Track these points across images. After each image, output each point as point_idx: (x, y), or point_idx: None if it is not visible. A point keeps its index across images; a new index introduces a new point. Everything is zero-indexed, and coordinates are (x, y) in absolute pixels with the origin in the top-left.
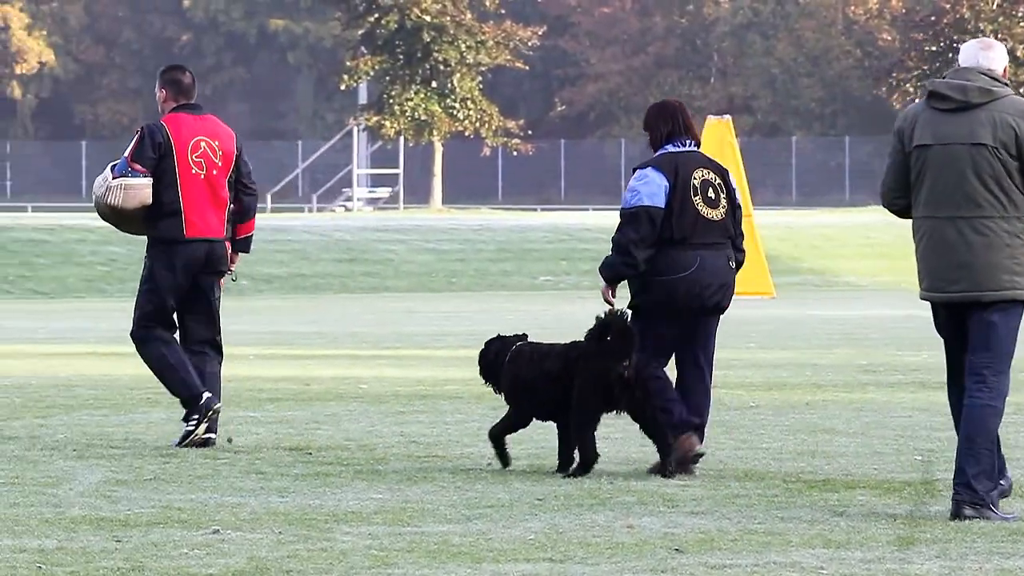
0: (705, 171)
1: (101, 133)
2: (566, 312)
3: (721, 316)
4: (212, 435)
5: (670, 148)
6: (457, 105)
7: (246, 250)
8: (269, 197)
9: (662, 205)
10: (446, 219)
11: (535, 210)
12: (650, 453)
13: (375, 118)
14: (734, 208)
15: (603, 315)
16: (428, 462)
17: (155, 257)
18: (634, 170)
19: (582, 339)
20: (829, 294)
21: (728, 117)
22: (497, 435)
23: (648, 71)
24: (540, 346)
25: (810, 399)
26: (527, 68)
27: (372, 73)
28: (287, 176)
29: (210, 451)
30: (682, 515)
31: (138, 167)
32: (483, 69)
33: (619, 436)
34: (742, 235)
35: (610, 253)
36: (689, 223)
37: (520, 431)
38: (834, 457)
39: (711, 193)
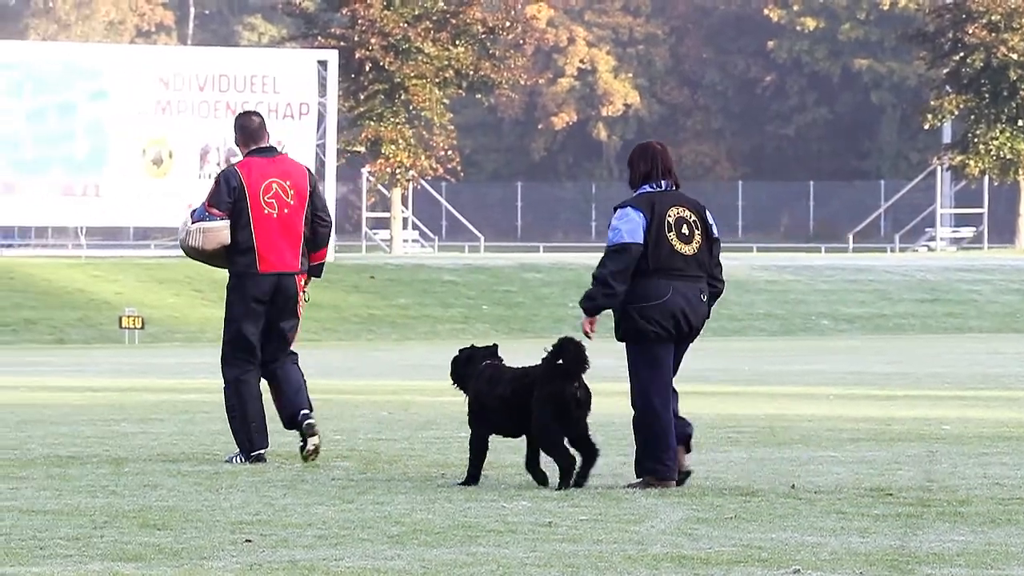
0: (681, 208)
1: (683, 174)
2: None
3: (691, 344)
4: (312, 443)
5: (647, 188)
6: None
7: (318, 275)
8: (851, 237)
9: (641, 241)
10: None
11: None
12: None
13: (959, 157)
14: (711, 243)
15: (557, 340)
16: (1011, 505)
17: (232, 289)
18: (615, 209)
19: (536, 364)
20: None
21: None
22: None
23: None
24: (501, 369)
25: None
26: None
27: (957, 112)
28: (869, 216)
29: (791, 491)
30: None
31: (215, 211)
32: None
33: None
34: (720, 267)
35: (590, 288)
36: (664, 256)
37: None
38: None
39: (685, 229)
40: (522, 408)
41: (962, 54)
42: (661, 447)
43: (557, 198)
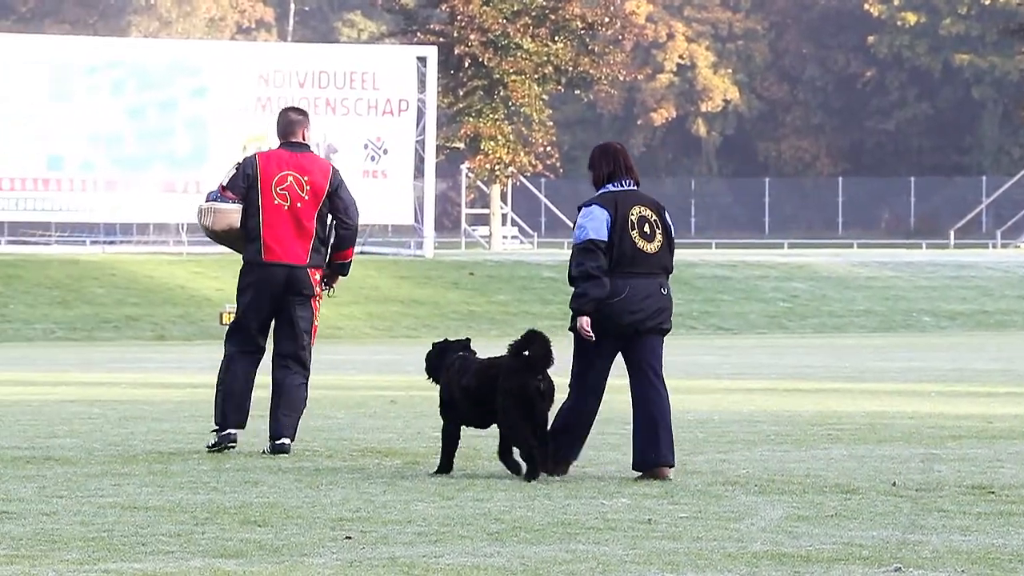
0: (643, 208)
1: (784, 170)
2: None
3: (664, 337)
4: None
5: (610, 187)
6: None
7: (343, 273)
8: (952, 233)
9: (606, 238)
10: None
11: None
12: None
13: None
14: (670, 242)
15: (525, 333)
16: None
17: (240, 275)
18: (579, 208)
19: (502, 355)
20: None
21: None
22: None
23: None
24: (468, 361)
25: None
26: None
27: None
28: (970, 212)
29: (891, 488)
30: None
31: (229, 194)
32: None
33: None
34: (672, 264)
35: (576, 288)
36: (626, 254)
37: None
38: None
39: (647, 228)
40: (488, 400)
41: None
42: (581, 436)
43: (656, 194)
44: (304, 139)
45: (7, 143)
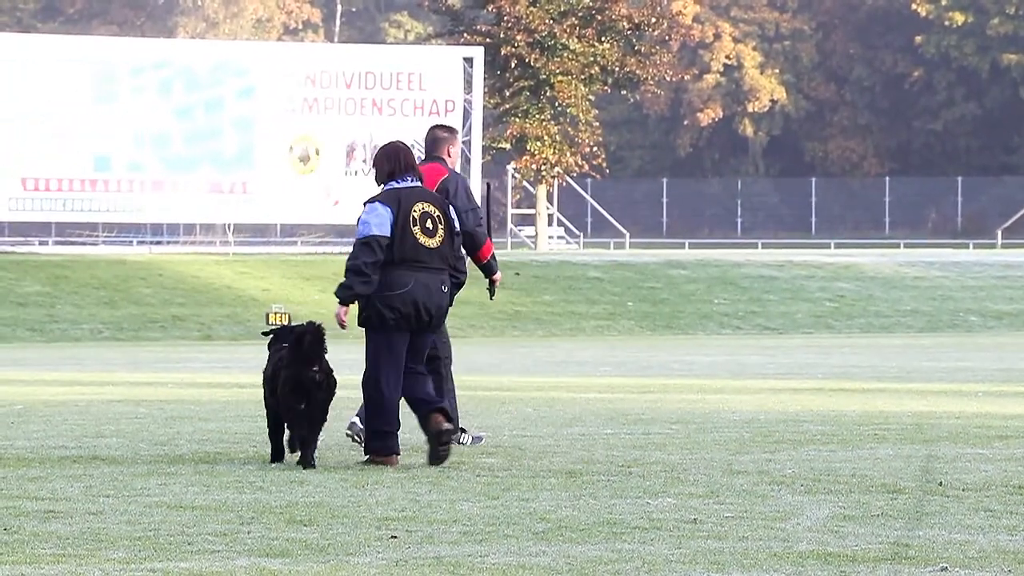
0: (425, 204)
1: (830, 170)
2: None
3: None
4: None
5: (395, 184)
6: None
7: (488, 272)
8: (999, 233)
9: (387, 234)
10: None
11: None
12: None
13: None
14: (452, 237)
15: (303, 324)
16: None
17: None
18: (364, 204)
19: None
20: None
21: None
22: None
23: None
24: (280, 351)
25: None
26: None
27: None
28: (1018, 212)
29: (938, 488)
30: None
31: None
32: None
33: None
34: (462, 259)
35: (344, 279)
36: (408, 248)
37: None
38: None
39: (429, 224)
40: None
41: None
42: (385, 426)
43: (703, 194)
44: (448, 155)
45: (54, 144)
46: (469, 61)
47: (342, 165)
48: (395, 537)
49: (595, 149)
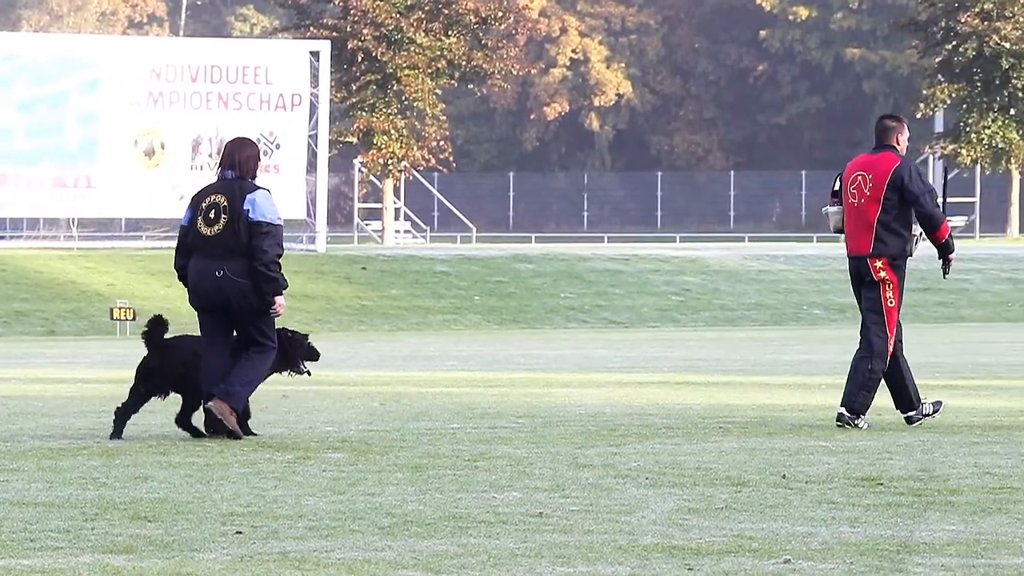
0: (216, 196)
1: (676, 164)
2: None
3: (249, 314)
4: None
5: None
6: None
7: (945, 251)
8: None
9: (186, 224)
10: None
11: None
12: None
13: (951, 146)
14: (237, 226)
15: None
16: (1002, 494)
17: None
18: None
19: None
20: None
21: None
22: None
23: None
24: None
25: None
26: None
27: (949, 101)
28: None
29: (781, 481)
30: None
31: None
32: None
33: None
34: (259, 248)
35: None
36: (192, 236)
37: None
38: None
39: (212, 214)
40: None
41: (954, 43)
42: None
43: (549, 188)
44: (897, 143)
45: None
46: (315, 55)
47: (187, 159)
48: (240, 533)
49: (442, 143)
